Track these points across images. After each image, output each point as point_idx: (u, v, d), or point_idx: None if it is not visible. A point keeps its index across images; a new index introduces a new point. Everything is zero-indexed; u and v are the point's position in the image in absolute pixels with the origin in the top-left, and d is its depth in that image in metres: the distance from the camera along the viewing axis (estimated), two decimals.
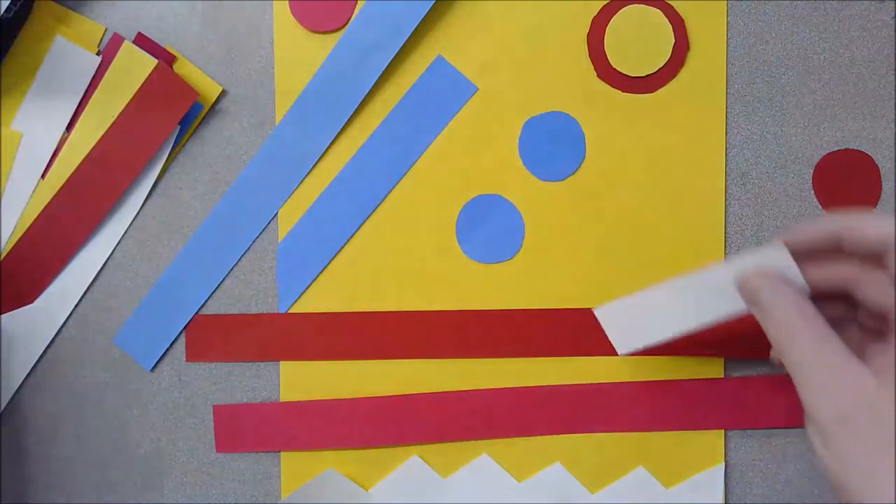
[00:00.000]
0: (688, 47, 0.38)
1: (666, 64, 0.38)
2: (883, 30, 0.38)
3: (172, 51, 0.38)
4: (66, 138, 0.38)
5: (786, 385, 0.30)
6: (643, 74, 0.38)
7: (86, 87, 0.38)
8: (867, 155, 0.38)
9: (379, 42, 0.37)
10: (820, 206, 0.38)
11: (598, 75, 0.38)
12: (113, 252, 0.39)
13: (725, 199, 0.38)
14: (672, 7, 0.37)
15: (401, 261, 0.38)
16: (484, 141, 0.38)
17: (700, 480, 0.38)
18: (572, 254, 0.38)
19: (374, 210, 0.38)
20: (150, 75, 0.37)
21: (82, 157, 0.37)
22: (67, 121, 0.38)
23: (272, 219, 0.38)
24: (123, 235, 0.38)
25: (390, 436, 0.38)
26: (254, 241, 0.39)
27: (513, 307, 0.38)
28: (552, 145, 0.38)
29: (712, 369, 0.38)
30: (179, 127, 0.38)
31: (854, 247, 0.29)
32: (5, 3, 0.35)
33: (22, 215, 0.38)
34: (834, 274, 0.30)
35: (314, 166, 0.38)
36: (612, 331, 0.35)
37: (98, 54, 0.38)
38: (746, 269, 0.30)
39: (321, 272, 0.38)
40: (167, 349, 0.39)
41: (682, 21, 0.37)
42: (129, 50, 0.37)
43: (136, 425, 0.39)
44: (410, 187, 0.38)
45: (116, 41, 0.38)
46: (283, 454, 0.39)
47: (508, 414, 0.38)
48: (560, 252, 0.38)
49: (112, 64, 0.37)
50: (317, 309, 0.38)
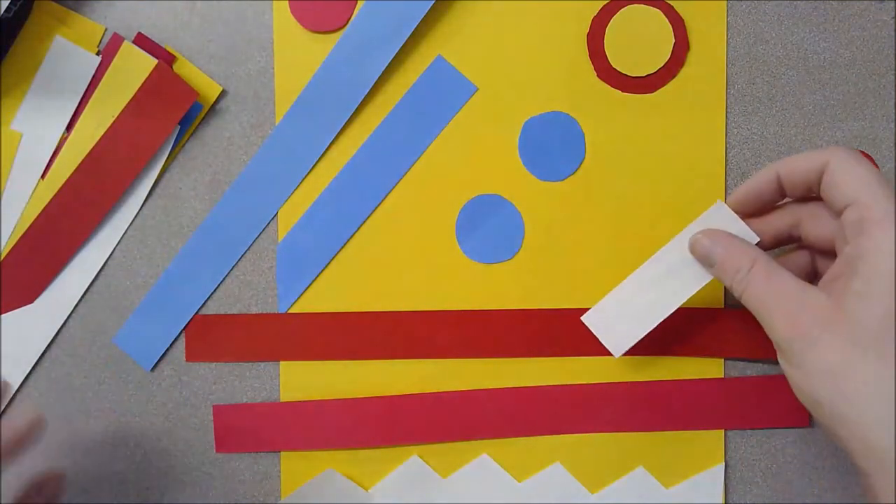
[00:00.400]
0: (688, 47, 0.38)
1: (666, 64, 0.37)
2: (883, 30, 0.38)
3: (172, 51, 0.38)
4: (66, 138, 0.38)
5: (786, 385, 0.30)
6: (643, 74, 0.38)
7: (86, 87, 0.38)
8: (867, 155, 0.38)
9: (379, 42, 0.37)
10: None
11: (598, 75, 0.38)
12: (113, 252, 0.39)
13: (725, 199, 0.38)
14: (672, 7, 0.37)
15: (401, 261, 0.38)
16: (484, 141, 0.38)
17: (700, 480, 0.38)
18: (572, 254, 0.38)
19: (374, 210, 0.38)
20: (149, 75, 0.37)
21: (82, 157, 0.37)
22: (67, 121, 0.38)
23: (272, 219, 0.38)
24: (123, 235, 0.38)
25: (390, 436, 0.38)
26: (254, 241, 0.39)
27: (513, 307, 0.38)
28: (552, 145, 0.38)
29: (712, 369, 0.38)
30: (179, 127, 0.38)
31: (791, 180, 0.31)
32: (5, 3, 0.35)
33: (22, 215, 0.38)
34: (780, 220, 0.33)
35: (314, 166, 0.38)
36: (603, 335, 0.35)
37: (98, 54, 0.38)
38: (694, 235, 0.33)
39: (321, 272, 0.38)
40: (167, 349, 0.39)
41: (682, 21, 0.37)
42: (129, 50, 0.37)
43: (136, 425, 0.39)
44: (410, 187, 0.38)
45: (116, 41, 0.38)
46: (283, 454, 0.39)
47: (508, 414, 0.38)
48: (560, 252, 0.38)
49: (112, 64, 0.37)
50: (317, 309, 0.38)
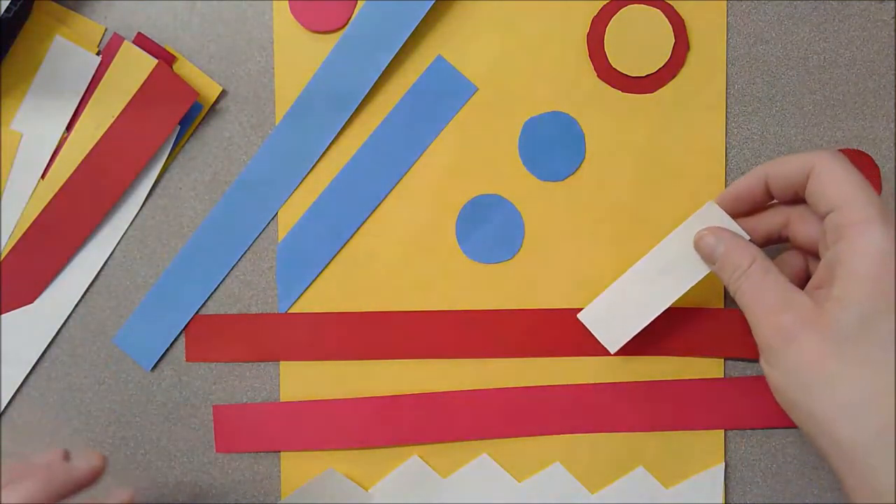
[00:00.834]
0: (688, 47, 0.38)
1: (666, 64, 0.37)
2: (883, 30, 0.38)
3: (172, 51, 0.38)
4: (66, 138, 0.38)
5: None
6: (643, 74, 0.38)
7: (86, 87, 0.38)
8: (867, 155, 0.38)
9: (379, 42, 0.37)
10: None
11: (598, 75, 0.38)
12: (113, 252, 0.39)
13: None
14: (672, 7, 0.37)
15: (401, 261, 0.38)
16: (484, 141, 0.38)
17: (700, 480, 0.38)
18: (572, 254, 0.38)
19: (373, 210, 0.38)
20: (150, 75, 0.37)
21: (82, 157, 0.37)
22: (67, 121, 0.38)
23: (272, 219, 0.38)
24: (123, 235, 0.38)
25: (390, 436, 0.38)
26: (254, 241, 0.39)
27: (513, 307, 0.38)
28: (552, 145, 0.38)
29: (712, 369, 0.38)
30: (179, 127, 0.38)
31: (778, 183, 0.32)
32: (5, 3, 0.35)
33: (22, 215, 0.38)
34: (770, 220, 0.34)
35: (314, 166, 0.38)
36: (599, 331, 0.36)
37: (98, 54, 0.38)
38: (699, 231, 0.34)
39: (321, 272, 0.38)
40: (167, 349, 0.39)
41: (682, 21, 0.37)
42: (129, 50, 0.37)
43: (136, 425, 0.39)
44: (410, 187, 0.38)
45: (116, 41, 0.38)
46: (283, 454, 0.39)
47: (508, 414, 0.38)
48: (560, 252, 0.38)
49: (112, 64, 0.37)
50: (317, 309, 0.38)
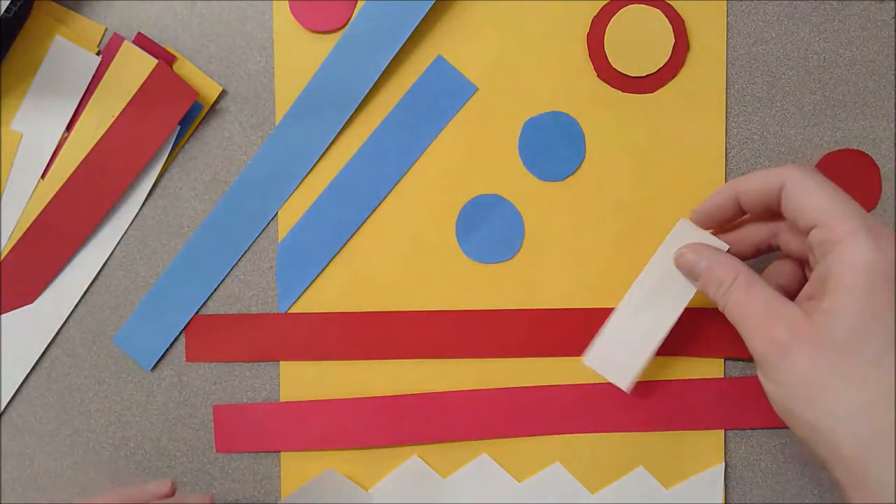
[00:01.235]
0: (688, 47, 0.38)
1: (666, 64, 0.37)
2: (883, 30, 0.38)
3: (172, 51, 0.38)
4: (66, 138, 0.38)
5: None
6: (643, 74, 0.38)
7: (86, 87, 0.38)
8: (867, 155, 0.38)
9: (379, 42, 0.37)
10: None
11: (598, 75, 0.38)
12: (113, 252, 0.39)
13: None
14: (672, 7, 0.37)
15: (401, 261, 0.38)
16: (484, 141, 0.38)
17: (700, 480, 0.38)
18: (572, 254, 0.38)
19: (374, 210, 0.38)
20: (149, 75, 0.37)
21: (82, 157, 0.37)
22: (67, 121, 0.38)
23: (272, 219, 0.38)
24: (123, 235, 0.38)
25: (390, 436, 0.38)
26: (254, 241, 0.39)
27: (513, 307, 0.38)
28: (552, 145, 0.38)
29: (712, 369, 0.38)
30: (179, 127, 0.38)
31: (748, 200, 0.32)
32: (5, 3, 0.35)
33: (22, 215, 0.38)
34: (758, 231, 0.33)
35: (314, 166, 0.38)
36: (607, 373, 0.35)
37: (98, 54, 0.38)
38: (679, 249, 0.33)
39: (321, 272, 0.38)
40: (167, 349, 0.39)
41: (682, 21, 0.37)
42: (129, 50, 0.37)
43: (136, 425, 0.39)
44: (410, 187, 0.38)
45: (116, 41, 0.38)
46: (283, 454, 0.39)
47: (508, 414, 0.38)
48: (560, 252, 0.38)
49: (112, 64, 0.37)
50: (317, 309, 0.38)
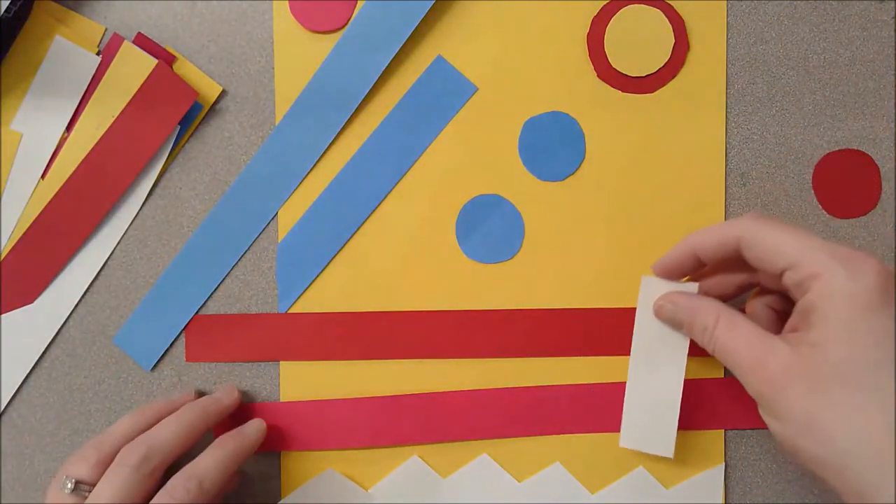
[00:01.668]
0: (688, 47, 0.38)
1: (666, 64, 0.37)
2: (883, 30, 0.38)
3: (172, 51, 0.38)
4: (66, 138, 0.38)
5: None
6: (643, 74, 0.38)
7: (86, 87, 0.38)
8: (867, 155, 0.38)
9: (379, 42, 0.37)
10: (820, 206, 0.38)
11: (598, 75, 0.38)
12: (113, 252, 0.39)
13: (725, 199, 0.38)
14: (672, 7, 0.37)
15: (401, 261, 0.38)
16: (484, 141, 0.38)
17: (700, 480, 0.38)
18: (572, 254, 0.38)
19: (373, 210, 0.38)
20: (149, 75, 0.37)
21: (82, 157, 0.37)
22: (67, 121, 0.38)
23: (272, 219, 0.38)
24: (123, 235, 0.38)
25: (390, 436, 0.38)
26: (254, 241, 0.39)
27: (513, 307, 0.38)
28: (552, 145, 0.38)
29: (712, 369, 0.38)
30: (179, 127, 0.38)
31: (706, 255, 0.32)
32: (5, 3, 0.35)
33: (22, 215, 0.38)
34: (735, 276, 0.34)
35: (314, 166, 0.38)
36: (648, 447, 0.35)
37: (98, 54, 0.38)
38: (656, 301, 0.34)
39: (321, 272, 0.38)
40: (167, 349, 0.39)
41: (682, 21, 0.37)
42: (129, 50, 0.37)
43: None
44: (410, 187, 0.38)
45: (116, 41, 0.38)
46: (283, 454, 0.39)
47: (508, 414, 0.38)
48: (560, 252, 0.38)
49: (112, 64, 0.37)
50: (317, 309, 0.38)
